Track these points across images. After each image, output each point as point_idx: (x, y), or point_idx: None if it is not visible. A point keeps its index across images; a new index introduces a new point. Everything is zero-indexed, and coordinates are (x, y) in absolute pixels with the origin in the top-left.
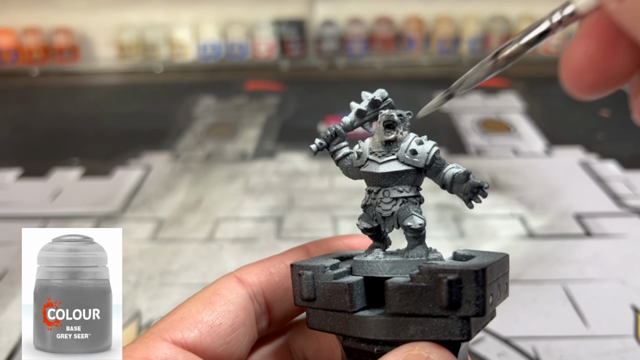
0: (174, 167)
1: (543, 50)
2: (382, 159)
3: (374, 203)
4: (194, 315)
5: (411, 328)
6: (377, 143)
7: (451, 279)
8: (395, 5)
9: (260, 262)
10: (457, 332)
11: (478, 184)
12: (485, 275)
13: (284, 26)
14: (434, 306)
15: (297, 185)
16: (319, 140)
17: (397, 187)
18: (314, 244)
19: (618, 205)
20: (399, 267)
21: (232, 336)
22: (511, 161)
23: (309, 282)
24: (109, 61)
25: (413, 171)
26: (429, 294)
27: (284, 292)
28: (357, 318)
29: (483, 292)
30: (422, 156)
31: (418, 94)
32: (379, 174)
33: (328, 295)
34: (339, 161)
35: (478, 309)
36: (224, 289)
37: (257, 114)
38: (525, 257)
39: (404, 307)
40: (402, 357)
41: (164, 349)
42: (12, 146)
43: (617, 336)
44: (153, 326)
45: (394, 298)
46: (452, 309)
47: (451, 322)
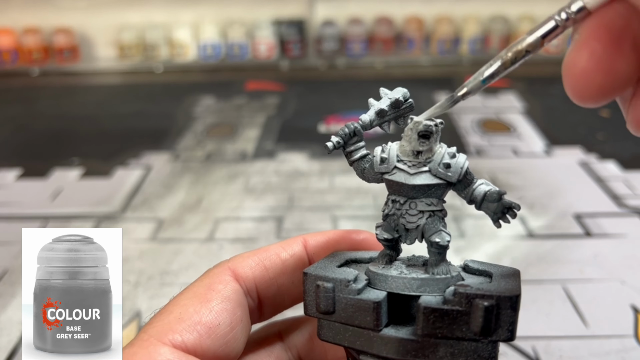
0: (174, 167)
1: (543, 51)
2: (412, 169)
3: (398, 214)
4: (191, 315)
5: (441, 350)
6: (408, 152)
7: (487, 305)
8: (395, 5)
9: (255, 253)
10: (487, 355)
11: (510, 204)
12: (519, 301)
13: (284, 26)
14: (467, 330)
15: (297, 185)
16: (336, 138)
17: (425, 199)
18: (312, 236)
19: (618, 205)
20: (427, 285)
21: (230, 335)
22: (511, 161)
23: (328, 295)
24: (109, 61)
25: (444, 185)
26: (464, 318)
27: (277, 289)
28: (382, 337)
29: (515, 318)
30: (456, 171)
31: (418, 94)
32: (409, 186)
33: (351, 310)
34: (354, 162)
35: (510, 334)
36: (218, 283)
37: (257, 114)
38: (525, 257)
39: (437, 330)
40: None
41: (166, 354)
42: (12, 146)
43: (617, 336)
44: (148, 326)
45: (427, 320)
46: (486, 335)
47: (481, 346)
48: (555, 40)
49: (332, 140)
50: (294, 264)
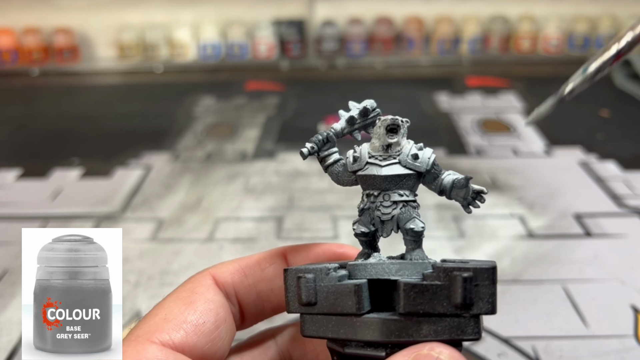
0: (174, 167)
1: (543, 51)
2: (383, 162)
3: (373, 207)
4: (177, 316)
5: (424, 328)
6: (378, 147)
7: (466, 276)
8: (395, 5)
9: (235, 261)
10: (470, 331)
11: (478, 189)
12: (496, 273)
13: (284, 26)
14: (448, 305)
15: (297, 185)
16: (310, 144)
17: (398, 190)
18: (293, 249)
19: (618, 205)
20: (405, 269)
21: (215, 333)
22: (511, 161)
23: (309, 285)
24: (109, 61)
25: (414, 175)
26: (444, 292)
27: (257, 295)
28: (365, 320)
29: (494, 290)
30: (424, 161)
31: (418, 94)
32: (381, 177)
33: (332, 298)
34: (328, 167)
35: (490, 306)
36: (201, 287)
37: (257, 114)
38: (525, 257)
39: (418, 307)
40: (411, 357)
41: (154, 351)
42: (12, 146)
43: (617, 336)
44: (136, 328)
45: (408, 297)
46: (466, 308)
47: (464, 321)
48: (555, 40)
49: (306, 147)
50: (273, 272)
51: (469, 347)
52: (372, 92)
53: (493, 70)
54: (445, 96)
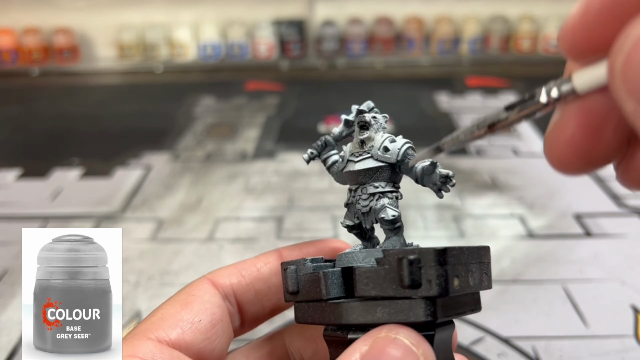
0: (174, 167)
1: (543, 51)
2: (358, 157)
3: (354, 201)
4: (173, 315)
5: (379, 311)
6: (355, 144)
7: (411, 258)
8: (395, 5)
9: (232, 265)
10: (422, 313)
11: (444, 173)
12: (446, 255)
13: (284, 26)
14: (397, 287)
15: (297, 185)
16: (310, 150)
17: (374, 183)
18: (287, 249)
19: (618, 205)
20: (372, 255)
21: (212, 332)
22: (511, 161)
23: (292, 275)
24: (109, 61)
25: (387, 167)
26: (392, 275)
27: (255, 294)
28: (331, 305)
29: (444, 272)
30: (394, 152)
31: (418, 94)
32: (355, 172)
33: (308, 286)
34: (329, 168)
35: (440, 289)
36: (197, 290)
37: (257, 114)
38: (525, 257)
39: (371, 290)
40: (371, 342)
41: (150, 347)
42: (12, 146)
43: (617, 336)
44: (135, 328)
45: (361, 282)
46: (413, 289)
47: (414, 303)
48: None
49: (307, 153)
50: (269, 271)
51: (469, 347)
52: (372, 92)
53: (493, 70)
54: (445, 96)
